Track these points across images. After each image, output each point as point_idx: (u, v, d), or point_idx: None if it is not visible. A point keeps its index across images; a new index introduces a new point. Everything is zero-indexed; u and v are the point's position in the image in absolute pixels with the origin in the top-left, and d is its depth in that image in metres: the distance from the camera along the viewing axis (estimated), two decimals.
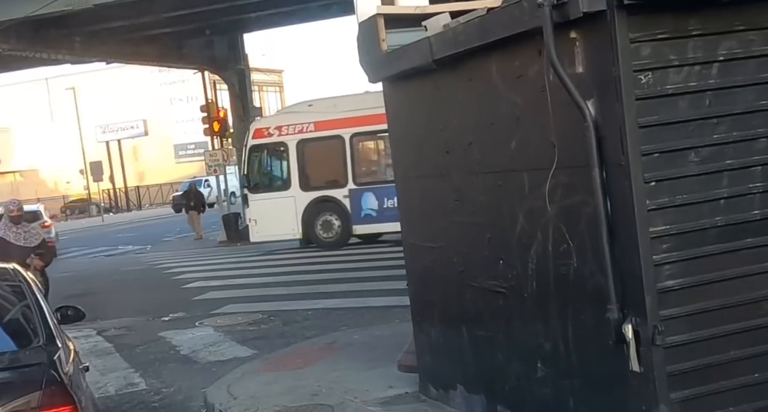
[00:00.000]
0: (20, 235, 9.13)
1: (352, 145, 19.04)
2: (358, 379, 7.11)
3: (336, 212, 19.31)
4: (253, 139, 19.85)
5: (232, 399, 7.00)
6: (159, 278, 17.96)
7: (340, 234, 19.37)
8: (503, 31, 4.62)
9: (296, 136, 19.31)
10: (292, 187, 19.37)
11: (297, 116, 19.73)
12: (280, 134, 19.46)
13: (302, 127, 19.36)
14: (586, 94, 4.14)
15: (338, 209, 19.22)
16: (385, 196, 18.60)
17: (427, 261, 6.18)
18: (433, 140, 5.85)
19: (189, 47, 30.51)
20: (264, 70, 53.48)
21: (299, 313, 11.50)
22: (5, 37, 21.99)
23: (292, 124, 19.48)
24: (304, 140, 19.26)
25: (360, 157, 19.57)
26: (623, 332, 4.09)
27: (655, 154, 4.06)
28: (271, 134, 19.66)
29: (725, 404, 4.20)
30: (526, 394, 5.11)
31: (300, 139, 19.28)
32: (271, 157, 20.10)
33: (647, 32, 4.01)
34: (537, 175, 4.63)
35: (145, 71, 50.98)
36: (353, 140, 19.04)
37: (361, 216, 19.06)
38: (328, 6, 26.19)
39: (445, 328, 6.07)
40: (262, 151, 19.92)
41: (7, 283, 5.40)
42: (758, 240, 4.23)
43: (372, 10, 6.04)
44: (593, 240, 4.23)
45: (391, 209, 18.59)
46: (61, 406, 3.97)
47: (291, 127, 19.46)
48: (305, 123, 19.35)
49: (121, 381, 8.66)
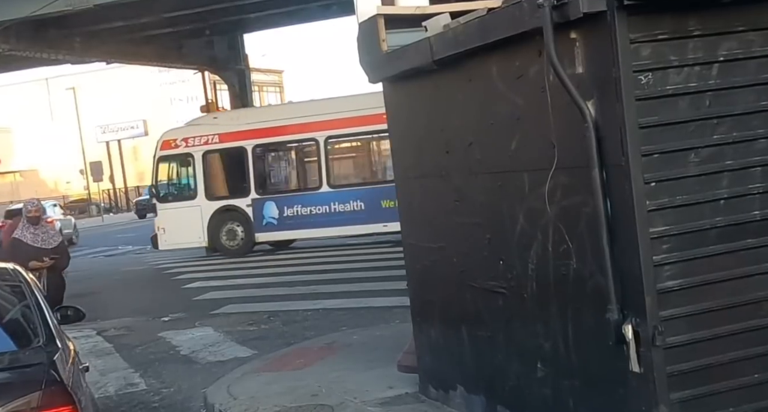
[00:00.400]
0: (38, 236, 8.81)
1: (254, 156, 20.03)
2: (357, 379, 7.10)
3: (239, 221, 20.23)
4: (161, 151, 20.73)
5: (231, 399, 7.00)
6: (159, 278, 17.97)
7: (243, 242, 20.27)
8: (503, 32, 4.62)
9: (202, 148, 20.29)
10: (198, 196, 20.31)
11: (203, 128, 20.76)
12: (187, 146, 20.40)
13: (207, 138, 20.34)
14: (586, 95, 4.14)
15: (242, 217, 20.15)
16: (286, 205, 19.75)
17: (427, 261, 6.18)
18: (433, 140, 5.85)
19: (189, 47, 30.56)
20: (264, 71, 53.55)
21: (299, 313, 11.50)
22: (5, 37, 22.02)
23: (198, 136, 20.46)
24: (209, 151, 20.31)
25: (262, 168, 20.61)
26: (623, 332, 4.09)
27: (655, 155, 4.06)
28: (178, 146, 20.57)
29: (725, 404, 4.20)
30: (526, 394, 5.11)
31: (205, 150, 20.28)
32: (179, 168, 21.01)
33: (647, 33, 4.01)
34: (537, 175, 4.63)
35: (145, 71, 51.05)
36: (255, 151, 20.05)
37: (263, 224, 19.97)
38: (328, 6, 26.23)
39: (445, 328, 6.07)
40: (169, 162, 20.83)
41: (6, 283, 5.40)
42: (758, 241, 4.23)
43: (372, 10, 6.04)
44: (593, 241, 4.23)
45: (291, 218, 19.72)
46: (61, 406, 3.96)
47: (197, 138, 20.41)
48: (210, 135, 20.36)
49: (120, 381, 8.66)
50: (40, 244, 8.71)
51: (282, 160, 21.34)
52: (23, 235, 8.75)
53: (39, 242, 8.71)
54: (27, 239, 8.68)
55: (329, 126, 19.35)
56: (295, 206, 19.73)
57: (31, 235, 8.72)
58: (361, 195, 19.29)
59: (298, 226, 19.70)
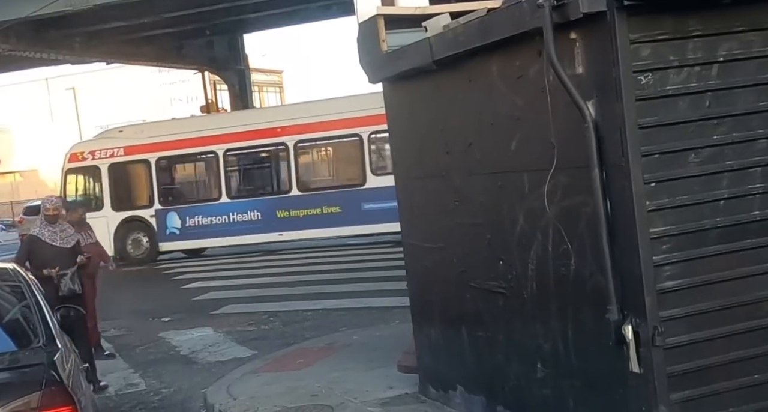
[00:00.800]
0: (56, 235, 8.35)
1: (157, 168, 20.95)
2: (357, 379, 7.11)
3: (144, 231, 21.06)
4: (69, 163, 21.62)
5: (231, 399, 7.00)
6: (159, 279, 17.97)
7: (148, 251, 21.09)
8: (503, 32, 4.62)
9: (108, 160, 21.18)
10: (105, 207, 20.99)
11: (109, 141, 21.68)
12: (94, 158, 21.29)
13: (113, 151, 21.22)
14: (586, 95, 4.14)
15: (146, 227, 21.01)
16: (187, 216, 20.66)
17: (427, 262, 6.18)
18: (433, 141, 5.85)
19: (189, 48, 30.56)
20: (264, 71, 53.51)
21: (299, 313, 11.50)
22: (5, 37, 22.04)
23: (105, 149, 21.37)
24: (115, 164, 21.16)
25: (165, 180, 21.39)
26: (623, 332, 4.09)
27: (655, 155, 4.06)
28: (86, 158, 21.45)
29: (725, 405, 4.20)
30: (525, 394, 5.11)
31: (111, 163, 21.15)
32: (86, 180, 21.74)
33: (647, 33, 4.01)
34: (537, 175, 4.63)
35: (145, 72, 51.03)
36: (159, 164, 20.95)
37: (166, 234, 20.84)
38: (328, 6, 26.24)
39: (445, 328, 6.07)
40: (77, 174, 21.66)
41: (6, 283, 5.40)
42: (758, 241, 4.23)
43: (372, 10, 6.04)
44: (593, 241, 4.23)
45: (193, 228, 20.60)
46: (61, 406, 3.96)
47: (103, 151, 21.33)
48: (116, 148, 21.22)
49: (120, 382, 8.66)
50: (59, 243, 8.31)
51: (184, 173, 22.19)
52: (41, 233, 8.34)
53: (57, 240, 8.32)
54: (45, 237, 8.29)
55: (228, 139, 20.31)
56: (197, 216, 20.64)
57: (48, 233, 8.32)
58: (258, 206, 20.20)
59: (200, 235, 20.60)
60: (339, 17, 28.67)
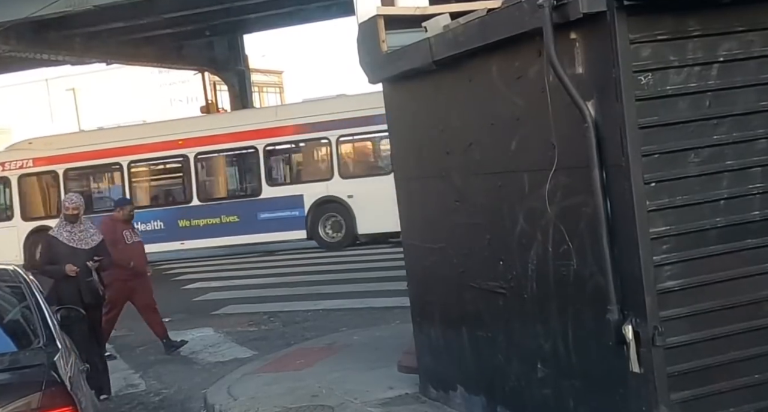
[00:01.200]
0: (74, 235, 7.92)
1: (65, 179, 21.28)
2: (358, 380, 7.11)
3: None
4: None
5: (232, 400, 7.00)
6: (159, 279, 17.89)
7: None
8: (503, 32, 4.62)
9: (18, 171, 21.58)
10: (14, 217, 21.45)
11: (19, 153, 22.00)
12: (4, 170, 21.69)
13: (23, 163, 21.64)
14: (586, 95, 4.14)
15: None
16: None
17: (427, 262, 6.18)
18: (433, 141, 5.85)
19: (189, 48, 30.54)
20: (264, 71, 53.47)
21: (299, 314, 11.50)
22: (5, 38, 22.04)
23: (15, 160, 21.74)
24: (25, 175, 21.59)
25: (73, 190, 21.46)
26: (623, 332, 4.08)
27: (655, 155, 4.06)
28: None
29: (726, 405, 4.20)
30: (526, 395, 5.11)
31: (21, 174, 21.57)
32: None
33: (647, 33, 4.01)
34: (537, 176, 4.63)
35: (144, 72, 50.99)
36: (67, 175, 21.28)
37: None
38: (328, 7, 26.22)
39: (445, 329, 6.07)
40: None
41: (7, 284, 5.40)
42: (758, 241, 4.23)
43: (372, 10, 6.04)
44: (593, 241, 4.23)
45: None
46: (61, 407, 3.97)
47: (13, 163, 21.72)
48: (25, 159, 21.61)
49: (121, 382, 8.64)
50: (76, 243, 7.89)
51: (92, 183, 22.47)
52: (59, 233, 7.95)
53: (75, 241, 7.90)
54: (62, 237, 7.90)
55: (132, 151, 20.76)
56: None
57: (66, 234, 7.92)
58: (161, 215, 20.64)
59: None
60: (339, 17, 28.64)
